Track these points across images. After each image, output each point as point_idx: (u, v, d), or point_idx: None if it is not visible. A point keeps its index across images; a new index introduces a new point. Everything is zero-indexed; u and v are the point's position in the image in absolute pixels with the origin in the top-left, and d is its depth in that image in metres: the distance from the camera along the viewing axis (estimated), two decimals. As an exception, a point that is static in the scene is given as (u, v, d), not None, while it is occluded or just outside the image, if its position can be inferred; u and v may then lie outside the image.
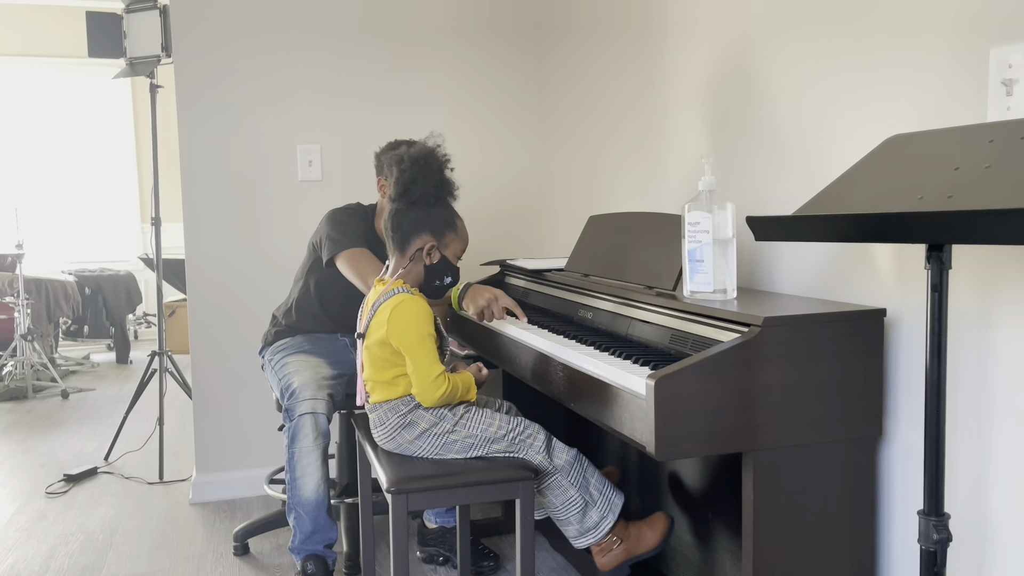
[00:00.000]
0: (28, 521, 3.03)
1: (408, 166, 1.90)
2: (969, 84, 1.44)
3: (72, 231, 7.07)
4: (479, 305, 2.14)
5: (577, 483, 1.89)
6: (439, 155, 1.93)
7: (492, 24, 3.38)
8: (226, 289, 3.14)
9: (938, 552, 1.23)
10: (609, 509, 1.91)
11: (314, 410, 2.31)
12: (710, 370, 1.43)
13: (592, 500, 1.90)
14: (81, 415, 4.63)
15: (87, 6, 6.59)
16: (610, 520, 1.90)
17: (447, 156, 1.95)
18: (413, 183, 1.89)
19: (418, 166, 1.90)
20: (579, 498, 1.89)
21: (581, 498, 1.89)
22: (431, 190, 1.90)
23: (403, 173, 1.90)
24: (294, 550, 2.35)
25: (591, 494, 1.90)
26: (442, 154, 1.94)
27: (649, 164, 2.55)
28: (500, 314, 2.12)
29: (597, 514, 1.90)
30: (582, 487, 1.90)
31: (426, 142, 1.95)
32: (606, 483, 1.93)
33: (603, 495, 1.91)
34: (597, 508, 1.90)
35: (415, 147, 1.93)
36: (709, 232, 1.72)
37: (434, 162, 1.91)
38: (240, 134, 3.11)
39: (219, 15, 3.06)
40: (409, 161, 1.90)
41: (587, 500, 1.90)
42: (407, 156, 1.91)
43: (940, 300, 1.20)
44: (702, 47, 2.23)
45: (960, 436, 1.49)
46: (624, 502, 1.93)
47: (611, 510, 1.91)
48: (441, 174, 1.92)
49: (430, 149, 1.93)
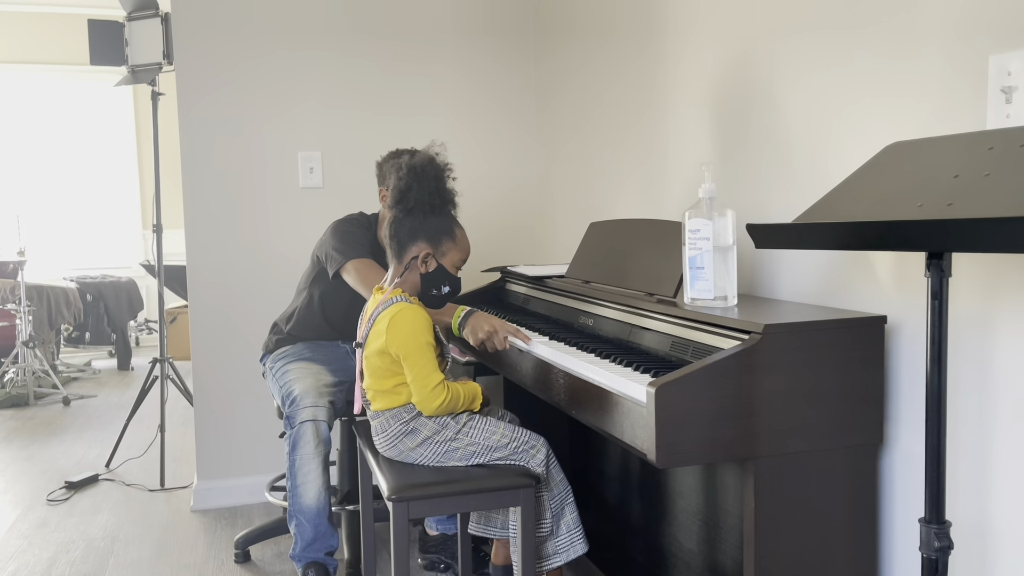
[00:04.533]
0: (29, 528, 3.03)
1: (405, 173, 1.90)
2: (968, 91, 1.44)
3: (74, 238, 7.09)
4: (478, 339, 2.11)
5: (555, 511, 1.90)
6: (437, 163, 1.93)
7: (493, 30, 3.39)
8: (227, 296, 3.14)
9: (939, 560, 1.23)
10: (566, 551, 1.92)
11: (315, 417, 2.31)
12: (711, 378, 1.43)
13: (556, 534, 1.91)
14: (82, 422, 4.64)
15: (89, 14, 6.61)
16: (560, 560, 1.91)
17: (447, 164, 1.94)
18: (409, 190, 1.90)
19: (414, 174, 1.90)
20: (548, 525, 1.90)
21: (550, 526, 1.90)
22: (426, 197, 1.90)
23: (400, 180, 1.91)
24: (295, 557, 2.35)
25: (560, 528, 1.91)
26: (441, 162, 1.93)
27: (650, 171, 2.55)
28: (502, 345, 2.08)
29: (552, 548, 1.91)
30: (556, 517, 1.90)
31: (427, 150, 1.95)
32: (579, 527, 1.93)
33: (569, 535, 1.91)
34: (556, 543, 1.91)
35: (416, 156, 1.93)
36: (710, 239, 1.72)
37: (431, 170, 1.91)
38: (241, 141, 3.12)
39: (220, 23, 3.07)
40: (407, 169, 1.90)
41: (553, 530, 1.90)
42: (405, 164, 1.91)
43: (940, 307, 1.20)
44: (702, 53, 2.24)
45: (961, 443, 1.49)
46: (583, 555, 1.92)
47: (567, 553, 1.92)
48: (438, 182, 1.91)
49: (429, 157, 1.92)
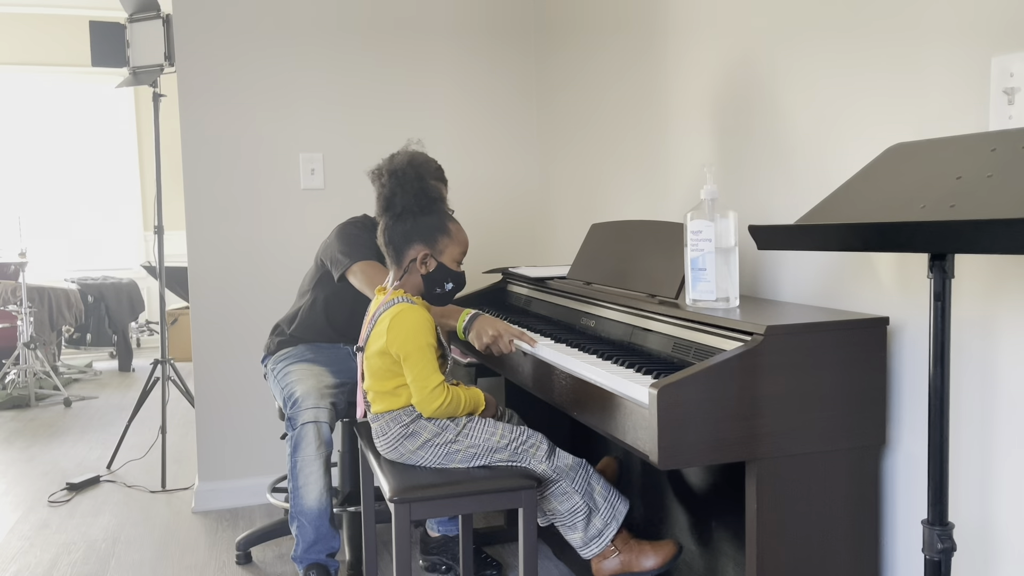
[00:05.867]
0: (31, 530, 3.03)
1: (387, 180, 1.89)
2: (971, 93, 1.44)
3: (75, 239, 7.09)
4: (483, 343, 2.10)
5: (581, 489, 1.89)
6: (417, 162, 1.92)
7: (494, 30, 3.39)
8: (228, 297, 3.14)
9: (942, 561, 1.23)
10: (612, 516, 1.90)
11: (317, 419, 2.31)
12: (713, 379, 1.43)
13: (596, 507, 1.90)
14: (84, 423, 4.64)
15: (90, 15, 6.61)
16: (613, 528, 1.90)
17: (427, 161, 1.93)
18: (393, 196, 1.88)
19: (396, 178, 1.88)
20: (583, 504, 1.88)
21: (585, 504, 1.88)
22: (412, 200, 1.88)
23: (383, 188, 1.90)
24: (297, 559, 2.35)
25: (595, 500, 1.90)
26: (420, 161, 1.92)
27: (651, 172, 2.55)
28: (507, 349, 2.08)
29: (601, 521, 1.89)
30: (586, 493, 1.89)
31: (404, 151, 1.94)
32: (611, 490, 1.92)
33: (607, 501, 1.90)
34: (601, 515, 1.89)
35: (394, 159, 1.92)
36: (711, 240, 1.72)
37: (411, 171, 1.89)
38: (242, 142, 3.12)
39: (222, 24, 3.07)
40: (387, 175, 1.89)
41: (591, 507, 1.89)
42: (385, 171, 1.90)
43: (943, 309, 1.20)
44: (704, 53, 2.24)
45: (964, 445, 1.49)
46: (629, 509, 1.92)
47: (615, 517, 1.90)
48: (420, 182, 1.90)
49: (407, 159, 1.92)
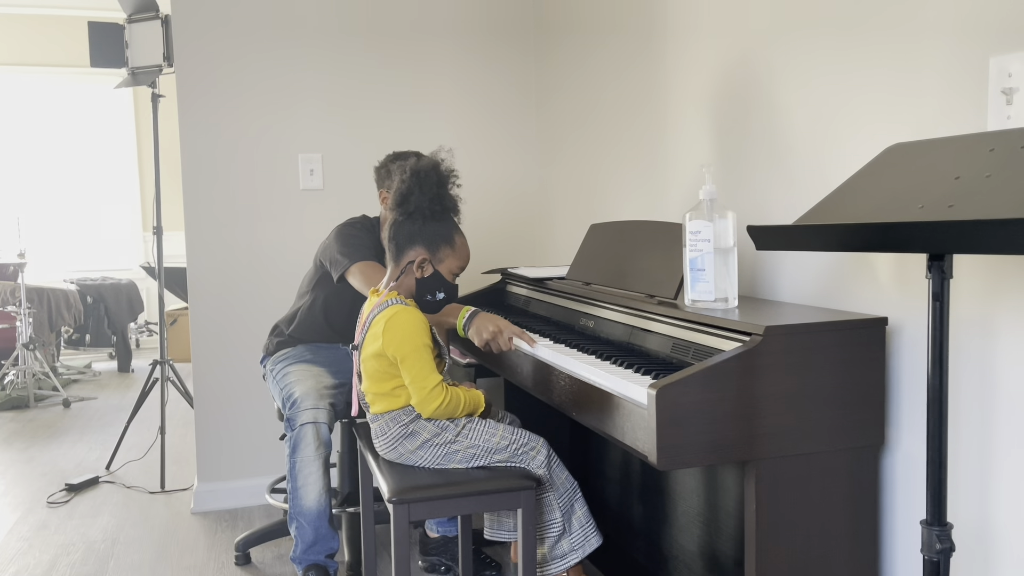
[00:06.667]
0: (30, 531, 3.03)
1: (408, 177, 1.90)
2: (969, 93, 1.44)
3: (74, 240, 7.09)
4: (483, 339, 2.11)
5: (564, 509, 1.90)
6: (441, 170, 1.92)
7: (493, 30, 3.39)
8: (227, 298, 3.14)
9: (941, 562, 1.23)
10: (582, 545, 1.93)
11: (316, 420, 2.31)
12: (711, 379, 1.43)
13: (570, 530, 1.92)
14: (83, 424, 4.63)
15: (89, 16, 6.61)
16: (578, 556, 1.93)
17: (452, 171, 1.94)
18: (410, 194, 1.89)
19: (417, 178, 1.89)
20: (560, 523, 1.91)
21: (562, 523, 1.91)
22: (427, 203, 1.89)
23: (402, 183, 1.91)
24: (296, 560, 2.35)
25: (572, 524, 1.92)
26: (446, 169, 1.93)
27: (650, 172, 2.55)
28: (507, 346, 2.08)
29: (568, 545, 1.92)
30: (566, 514, 1.91)
31: (433, 155, 1.95)
32: (591, 520, 1.95)
33: (583, 529, 1.93)
34: (571, 539, 1.92)
35: (422, 160, 1.93)
36: (710, 241, 1.72)
37: (434, 175, 1.90)
38: (241, 143, 3.12)
39: (221, 25, 3.07)
40: (410, 172, 1.90)
41: (566, 527, 1.92)
42: (409, 167, 1.91)
43: (941, 309, 1.20)
44: (702, 53, 2.24)
45: (962, 445, 1.49)
46: (599, 547, 1.94)
47: (583, 547, 1.94)
48: (440, 188, 1.91)
49: (434, 163, 1.92)
